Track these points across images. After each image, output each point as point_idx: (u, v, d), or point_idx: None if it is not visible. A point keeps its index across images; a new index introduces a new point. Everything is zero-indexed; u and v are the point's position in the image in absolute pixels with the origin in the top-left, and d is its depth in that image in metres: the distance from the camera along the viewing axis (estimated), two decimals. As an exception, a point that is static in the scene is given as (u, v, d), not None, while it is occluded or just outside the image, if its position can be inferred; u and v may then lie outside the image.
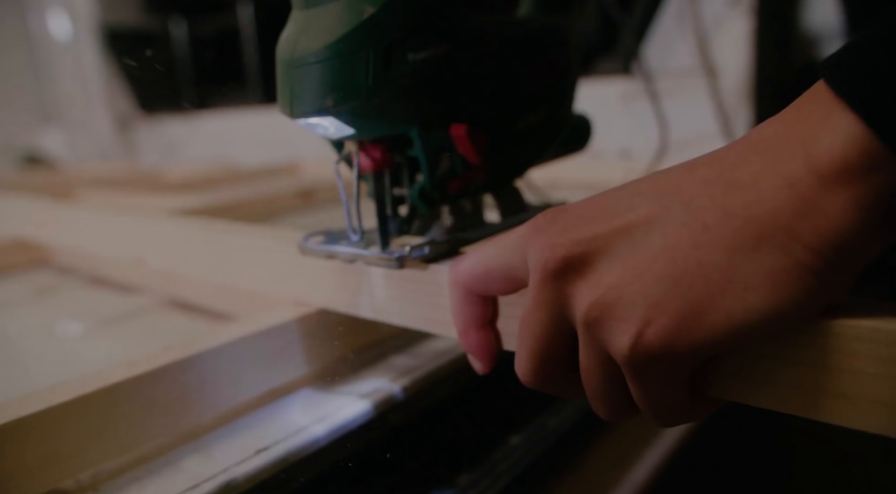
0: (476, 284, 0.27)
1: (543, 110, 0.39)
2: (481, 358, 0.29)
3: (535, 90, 0.37)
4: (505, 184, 0.40)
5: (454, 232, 0.36)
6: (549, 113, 0.39)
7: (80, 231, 0.63)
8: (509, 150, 0.37)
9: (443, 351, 0.40)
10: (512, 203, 0.41)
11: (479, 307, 0.28)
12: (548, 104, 0.39)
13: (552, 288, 0.24)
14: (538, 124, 0.39)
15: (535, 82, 0.37)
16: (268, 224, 0.81)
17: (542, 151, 0.41)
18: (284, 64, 0.29)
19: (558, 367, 0.25)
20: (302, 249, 0.35)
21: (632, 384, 0.23)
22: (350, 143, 0.32)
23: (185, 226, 0.49)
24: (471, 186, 0.36)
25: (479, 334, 0.29)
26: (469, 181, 0.35)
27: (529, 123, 0.38)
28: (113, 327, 0.54)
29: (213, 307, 0.53)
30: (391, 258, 0.30)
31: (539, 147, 0.40)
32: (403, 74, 0.29)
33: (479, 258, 0.27)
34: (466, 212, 0.37)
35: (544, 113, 0.39)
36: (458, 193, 0.35)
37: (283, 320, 0.35)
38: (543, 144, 0.40)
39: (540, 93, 0.38)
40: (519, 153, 0.38)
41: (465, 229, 0.36)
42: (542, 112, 0.39)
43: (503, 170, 0.38)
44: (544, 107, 0.38)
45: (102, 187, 1.03)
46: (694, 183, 0.23)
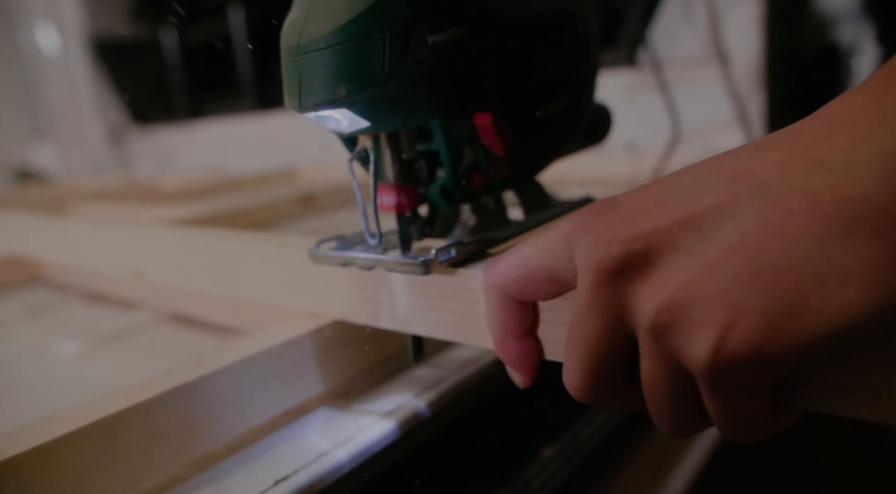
0: (515, 288, 0.25)
1: (566, 98, 0.36)
2: (522, 370, 0.26)
3: (557, 76, 0.34)
4: (527, 179, 0.38)
5: (478, 232, 0.33)
6: (572, 101, 0.36)
7: (74, 246, 0.60)
8: (532, 141, 0.34)
9: (467, 360, 0.37)
10: (536, 199, 0.38)
11: (518, 314, 0.25)
12: (571, 91, 0.36)
13: (608, 291, 0.21)
14: (561, 113, 0.36)
15: (558, 67, 0.34)
16: (271, 231, 0.78)
17: (565, 143, 0.38)
18: (290, 51, 0.26)
19: (614, 378, 0.23)
20: (314, 256, 0.33)
21: (708, 397, 0.20)
22: (365, 137, 0.30)
23: (185, 237, 0.46)
24: (493, 181, 0.33)
25: (520, 343, 0.26)
26: (492, 176, 0.33)
27: (552, 111, 0.35)
28: (112, 345, 0.51)
29: (218, 321, 0.50)
30: (415, 263, 0.28)
31: (562, 138, 0.37)
32: (423, 59, 0.26)
33: (516, 260, 0.24)
34: (489, 210, 0.35)
35: (567, 101, 0.36)
36: (480, 189, 0.33)
37: (296, 334, 0.33)
38: (566, 135, 0.38)
39: (563, 79, 0.35)
40: (542, 145, 0.36)
41: (488, 229, 0.34)
42: (565, 100, 0.36)
43: (526, 163, 0.35)
44: (567, 94, 0.36)
45: (97, 200, 1.00)
46: (767, 165, 0.20)
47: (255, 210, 0.81)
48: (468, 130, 0.29)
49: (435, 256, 0.27)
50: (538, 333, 0.26)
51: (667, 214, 0.21)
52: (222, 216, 0.75)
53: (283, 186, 1.14)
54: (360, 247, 0.32)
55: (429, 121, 0.28)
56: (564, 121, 0.36)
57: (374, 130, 0.28)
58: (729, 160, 0.21)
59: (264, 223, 0.81)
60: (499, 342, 0.26)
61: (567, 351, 0.23)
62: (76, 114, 1.63)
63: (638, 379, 0.23)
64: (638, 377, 0.23)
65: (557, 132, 0.36)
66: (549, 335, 0.26)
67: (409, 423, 0.32)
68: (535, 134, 0.34)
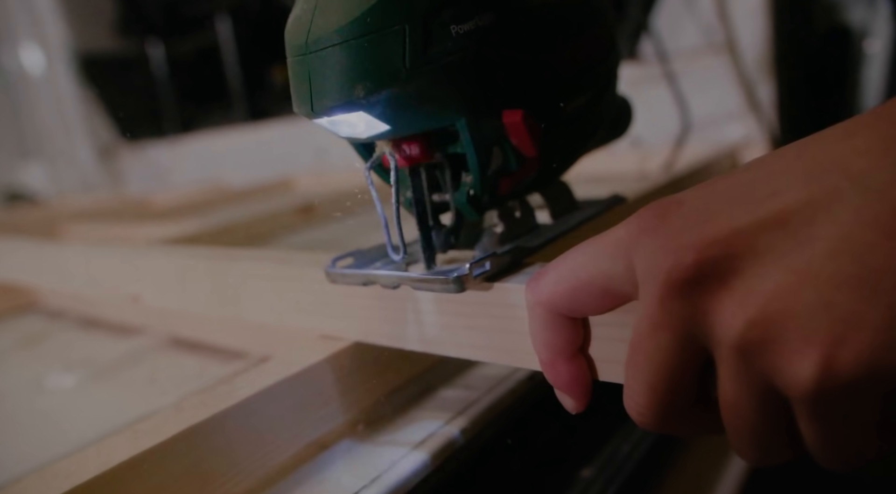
0: (564, 303, 0.22)
1: (593, 90, 0.33)
2: (574, 394, 0.23)
3: (584, 66, 0.32)
4: (554, 179, 0.35)
5: (507, 240, 0.30)
6: (598, 93, 0.34)
7: (68, 271, 0.57)
8: (560, 138, 0.31)
9: (498, 378, 0.35)
10: (563, 201, 0.35)
11: (567, 332, 0.22)
12: (597, 83, 0.33)
13: (680, 303, 0.18)
14: (588, 106, 0.33)
15: (585, 56, 0.31)
16: (272, 245, 0.75)
17: (591, 138, 0.35)
18: (298, 50, 0.24)
19: (685, 401, 0.20)
20: (330, 275, 0.30)
21: (807, 423, 0.17)
22: (383, 143, 0.27)
23: (184, 257, 0.43)
24: (521, 184, 0.31)
25: (571, 365, 0.23)
26: (521, 179, 0.30)
27: (578, 105, 0.32)
28: (111, 376, 0.48)
29: (223, 345, 0.47)
30: (447, 280, 0.25)
31: (588, 133, 0.35)
32: (447, 52, 0.23)
33: (565, 271, 0.22)
34: (516, 215, 0.32)
35: (593, 94, 0.33)
36: (509, 193, 0.30)
37: (313, 360, 0.30)
38: (593, 130, 0.35)
39: (589, 69, 0.32)
40: (570, 141, 0.33)
41: (518, 237, 0.31)
42: (591, 93, 0.33)
43: (554, 162, 0.33)
44: (594, 86, 0.33)
45: (89, 219, 0.97)
46: (860, 154, 0.17)
47: (253, 223, 0.78)
48: (496, 129, 0.27)
49: (469, 270, 0.25)
50: (589, 351, 0.23)
51: (745, 213, 0.18)
52: (219, 231, 0.73)
53: (279, 197, 1.11)
54: (381, 262, 0.30)
55: (454, 121, 0.25)
56: (591, 114, 0.33)
57: (394, 134, 0.25)
58: (812, 148, 0.18)
59: (263, 237, 0.79)
60: (547, 363, 0.23)
61: (629, 372, 0.20)
62: (64, 133, 1.59)
63: (711, 402, 0.20)
64: (711, 399, 0.20)
65: (584, 127, 0.33)
66: (603, 352, 0.23)
67: (443, 453, 0.29)
68: (563, 130, 0.31)
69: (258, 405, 0.27)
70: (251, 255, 0.39)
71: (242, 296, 0.38)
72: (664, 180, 0.61)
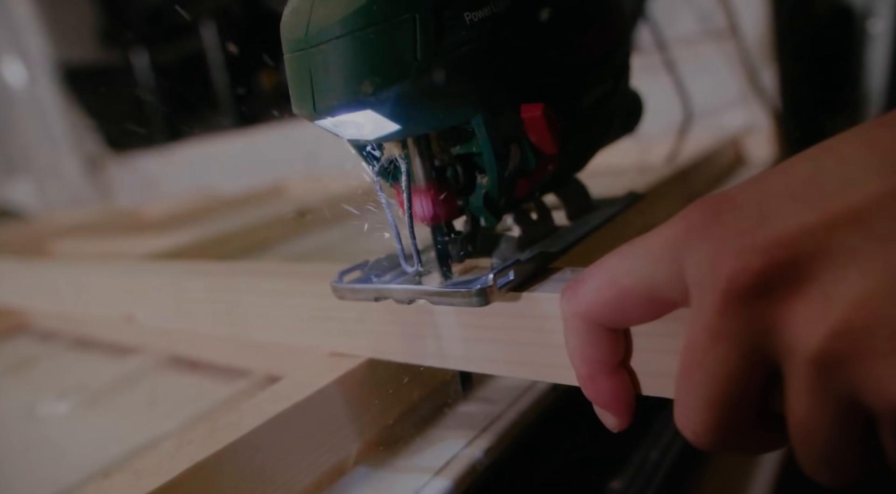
0: (605, 313, 0.20)
1: (608, 82, 0.31)
2: (617, 411, 0.21)
3: (601, 56, 0.29)
4: (569, 177, 0.33)
5: (526, 245, 0.28)
6: (614, 85, 0.32)
7: (58, 291, 0.55)
8: (578, 133, 0.29)
9: (519, 390, 0.32)
10: (579, 200, 0.33)
11: (608, 344, 0.20)
12: (613, 73, 0.31)
13: (744, 312, 0.16)
14: (603, 100, 0.31)
15: (601, 45, 0.29)
16: (269, 254, 0.73)
17: (607, 132, 0.33)
18: (296, 44, 0.21)
19: (747, 418, 0.18)
20: (337, 291, 0.28)
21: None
22: (392, 145, 0.25)
23: (181, 273, 0.41)
24: (538, 184, 0.29)
25: (612, 380, 0.21)
26: (538, 179, 0.28)
27: (595, 98, 0.30)
28: (108, 400, 0.45)
29: (223, 363, 0.45)
30: (470, 293, 0.23)
31: (605, 127, 0.32)
32: (460, 42, 0.21)
33: (605, 278, 0.19)
34: (533, 217, 0.30)
35: (608, 86, 0.31)
36: (527, 195, 0.28)
37: (326, 381, 0.27)
38: (608, 124, 0.33)
39: (605, 59, 0.30)
40: (586, 136, 0.31)
41: (537, 241, 0.29)
42: (607, 84, 0.31)
43: (570, 160, 0.31)
44: (609, 77, 0.31)
45: (78, 235, 0.95)
46: None
47: (248, 232, 0.76)
48: (514, 125, 0.24)
49: (493, 281, 0.22)
50: (631, 364, 0.21)
51: (814, 209, 0.16)
52: (213, 242, 0.70)
53: (272, 203, 1.09)
54: (392, 274, 0.27)
55: (469, 118, 0.23)
56: (607, 107, 0.31)
57: (404, 134, 0.23)
58: (883, 136, 0.16)
59: (259, 246, 0.76)
60: (586, 379, 0.21)
61: (682, 388, 0.18)
62: (50, 146, 1.56)
63: (774, 417, 0.18)
64: (775, 414, 0.18)
65: (601, 120, 0.31)
66: (646, 365, 0.21)
67: (468, 477, 0.27)
68: (580, 124, 0.29)
69: (268, 435, 0.25)
70: (253, 269, 0.36)
71: (245, 313, 0.36)
72: (670, 172, 0.59)
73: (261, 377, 0.41)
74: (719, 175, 0.73)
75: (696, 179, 0.66)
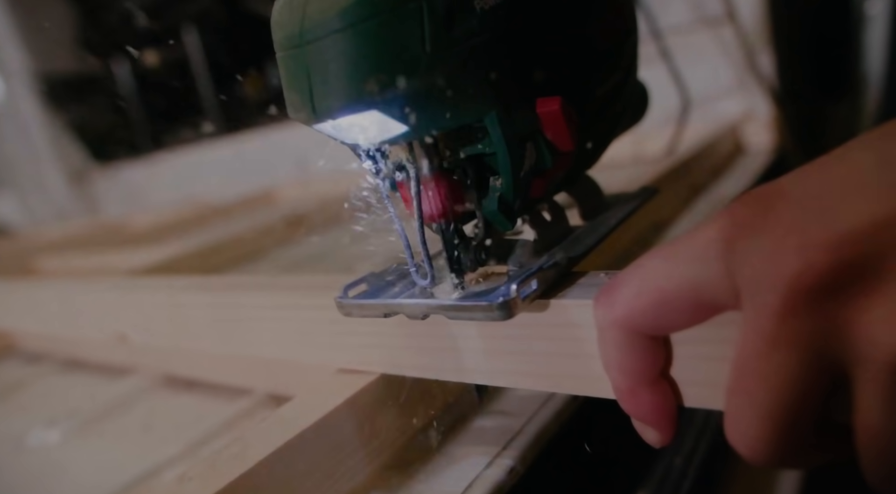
0: (645, 321, 0.18)
1: (619, 73, 0.29)
2: (659, 425, 0.20)
3: (613, 43, 0.28)
4: (581, 174, 0.31)
5: (543, 250, 0.26)
6: (625, 74, 0.30)
7: (45, 311, 0.52)
8: (591, 127, 0.28)
9: (537, 400, 0.31)
10: (593, 199, 0.31)
11: (649, 354, 0.19)
12: (625, 62, 0.29)
13: (809, 315, 0.15)
14: (614, 92, 0.29)
15: (613, 32, 0.28)
16: (263, 263, 0.71)
17: (618, 125, 0.32)
18: (291, 42, 0.19)
19: (809, 430, 0.16)
20: (343, 307, 0.26)
21: None
22: (399, 148, 0.23)
23: (176, 289, 0.39)
24: (553, 184, 0.27)
25: (653, 392, 0.19)
26: (553, 178, 0.26)
27: (606, 90, 0.28)
28: (101, 425, 0.43)
29: (223, 382, 0.43)
30: (492, 307, 0.21)
31: (616, 119, 0.31)
32: (472, 32, 0.19)
33: (644, 283, 0.18)
34: (547, 219, 0.28)
35: (620, 76, 0.29)
36: (542, 196, 0.26)
37: (337, 401, 0.25)
38: (620, 116, 0.31)
39: (618, 46, 0.28)
40: (599, 131, 0.29)
41: (554, 244, 0.27)
42: (619, 73, 0.29)
43: (584, 155, 0.29)
44: (619, 68, 0.29)
45: (65, 250, 0.92)
46: None
47: (240, 241, 0.74)
48: (530, 121, 0.23)
49: (517, 293, 0.21)
50: (671, 373, 0.20)
51: (882, 202, 0.14)
52: (205, 252, 0.68)
53: (263, 210, 1.06)
54: (401, 286, 0.25)
55: (482, 115, 0.21)
56: (618, 98, 0.30)
57: (412, 135, 0.21)
58: None
59: (253, 254, 0.74)
60: (626, 392, 0.19)
61: (736, 399, 0.17)
62: (33, 160, 1.53)
63: (839, 428, 0.16)
64: (839, 424, 0.16)
65: (613, 112, 0.30)
66: (688, 374, 0.19)
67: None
68: (594, 117, 0.27)
69: (275, 467, 0.23)
70: (253, 282, 0.34)
71: (247, 329, 0.34)
72: (671, 164, 0.57)
73: (262, 395, 0.39)
74: (719, 165, 0.71)
75: (698, 171, 0.65)
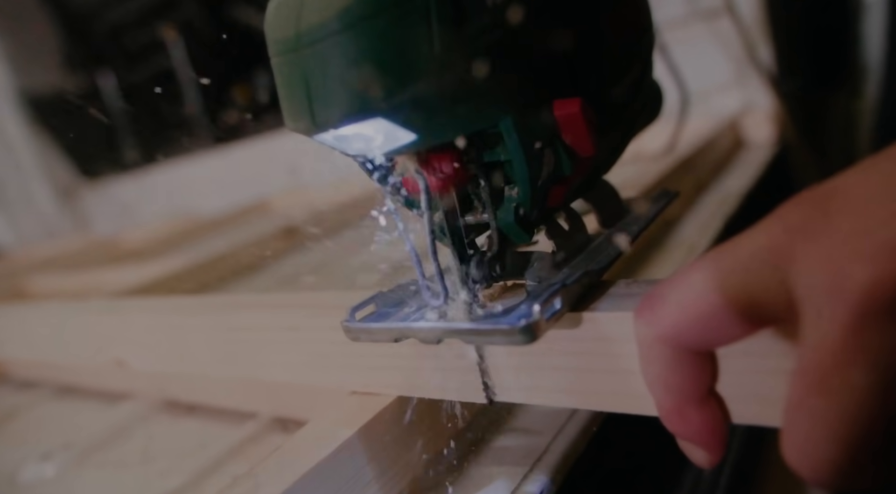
0: (692, 335, 0.17)
1: (637, 70, 0.27)
2: (709, 445, 0.18)
3: (631, 37, 0.26)
4: (598, 179, 0.29)
5: (563, 263, 0.24)
6: (643, 72, 0.28)
7: (36, 337, 0.50)
8: (610, 129, 0.26)
9: (562, 416, 0.29)
10: (611, 205, 0.29)
11: (697, 370, 0.17)
12: (642, 58, 0.28)
13: (885, 328, 0.13)
14: (632, 91, 0.27)
15: (628, 30, 0.26)
16: (262, 276, 0.69)
17: (634, 126, 0.30)
18: (286, 46, 0.18)
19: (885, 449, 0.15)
20: (350, 331, 0.24)
21: None
22: (406, 158, 0.21)
23: (173, 310, 0.37)
24: (572, 191, 0.25)
25: (702, 410, 0.18)
26: (572, 185, 0.24)
27: (624, 89, 0.27)
28: (98, 456, 0.41)
29: (226, 405, 0.41)
30: (514, 330, 0.19)
31: (633, 120, 0.29)
32: (484, 29, 0.18)
33: (692, 294, 0.16)
34: (565, 229, 0.26)
35: (637, 74, 0.28)
36: (561, 204, 0.24)
37: (354, 429, 0.24)
38: (636, 116, 0.29)
39: (636, 41, 0.27)
40: (618, 132, 0.27)
41: (573, 256, 0.25)
42: (636, 73, 0.27)
43: (602, 159, 0.27)
44: (637, 65, 0.27)
45: (57, 269, 0.90)
46: None
47: (236, 253, 0.72)
48: (548, 125, 0.21)
49: (540, 315, 0.19)
50: (718, 388, 0.18)
51: None
52: (202, 267, 0.67)
53: (258, 221, 1.05)
54: (411, 306, 0.24)
55: (496, 120, 0.20)
56: (636, 97, 0.28)
57: (421, 144, 0.20)
58: None
59: (251, 267, 0.73)
60: (673, 412, 0.18)
61: (799, 419, 0.15)
62: (19, 178, 1.50)
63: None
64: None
65: (631, 113, 0.28)
66: (736, 389, 0.18)
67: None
68: (613, 119, 0.26)
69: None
70: (257, 301, 0.33)
71: (252, 351, 0.32)
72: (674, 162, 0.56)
73: (268, 419, 0.38)
74: (722, 160, 0.70)
75: (702, 167, 0.63)
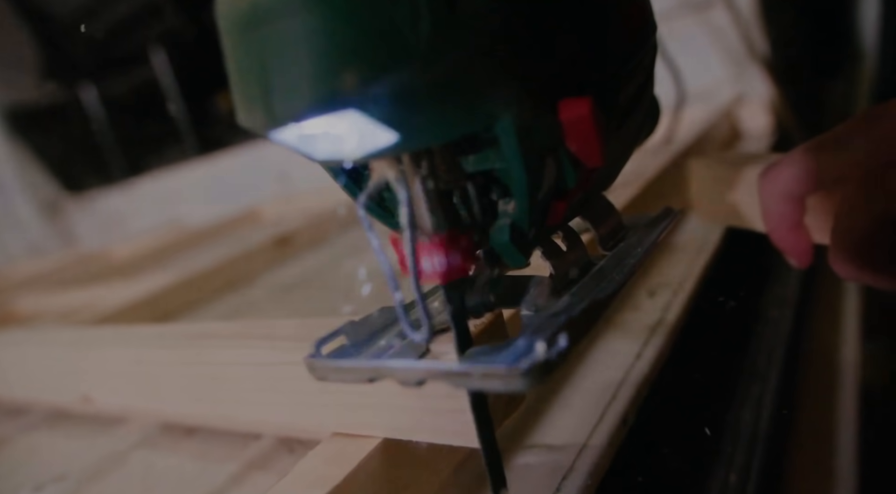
0: (795, 186, 0.26)
1: (641, 76, 0.25)
2: (800, 257, 0.28)
3: (637, 38, 0.23)
4: (598, 194, 0.26)
5: (563, 289, 0.21)
6: (647, 77, 0.25)
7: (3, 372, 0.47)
8: (617, 136, 0.23)
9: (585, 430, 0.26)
10: (612, 223, 0.26)
11: (798, 207, 0.26)
12: (647, 61, 0.25)
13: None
14: (636, 96, 0.25)
15: (634, 29, 0.23)
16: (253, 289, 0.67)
17: (638, 136, 0.27)
18: (241, 24, 0.15)
19: None
20: (315, 369, 0.20)
21: None
22: (385, 164, 0.18)
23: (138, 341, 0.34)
24: (573, 207, 0.22)
25: (798, 233, 0.27)
26: (573, 200, 0.21)
27: (630, 93, 0.24)
28: (95, 487, 0.38)
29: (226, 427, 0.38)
30: (513, 374, 0.16)
31: (637, 129, 0.26)
32: (479, 12, 0.15)
33: (799, 169, 0.26)
34: (563, 249, 0.23)
35: (640, 80, 0.25)
36: (561, 222, 0.22)
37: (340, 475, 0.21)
38: (640, 125, 0.26)
39: (639, 45, 0.24)
40: (623, 142, 0.25)
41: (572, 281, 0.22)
42: (640, 79, 0.25)
43: (605, 171, 0.24)
44: (643, 68, 0.25)
45: (43, 287, 0.87)
46: None
47: (228, 265, 0.70)
48: (551, 129, 0.18)
49: (543, 356, 0.16)
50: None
51: None
52: (193, 281, 0.64)
53: (248, 231, 1.02)
54: (388, 339, 0.21)
55: (492, 122, 0.17)
56: (640, 104, 0.25)
57: (403, 147, 0.17)
58: None
59: (242, 279, 0.70)
60: (781, 233, 0.27)
61: None
62: (1, 194, 1.47)
63: None
64: None
65: (635, 121, 0.25)
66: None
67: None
68: (618, 126, 0.23)
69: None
70: (226, 330, 0.30)
71: (220, 389, 0.29)
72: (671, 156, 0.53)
73: (273, 440, 0.35)
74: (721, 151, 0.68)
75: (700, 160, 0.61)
